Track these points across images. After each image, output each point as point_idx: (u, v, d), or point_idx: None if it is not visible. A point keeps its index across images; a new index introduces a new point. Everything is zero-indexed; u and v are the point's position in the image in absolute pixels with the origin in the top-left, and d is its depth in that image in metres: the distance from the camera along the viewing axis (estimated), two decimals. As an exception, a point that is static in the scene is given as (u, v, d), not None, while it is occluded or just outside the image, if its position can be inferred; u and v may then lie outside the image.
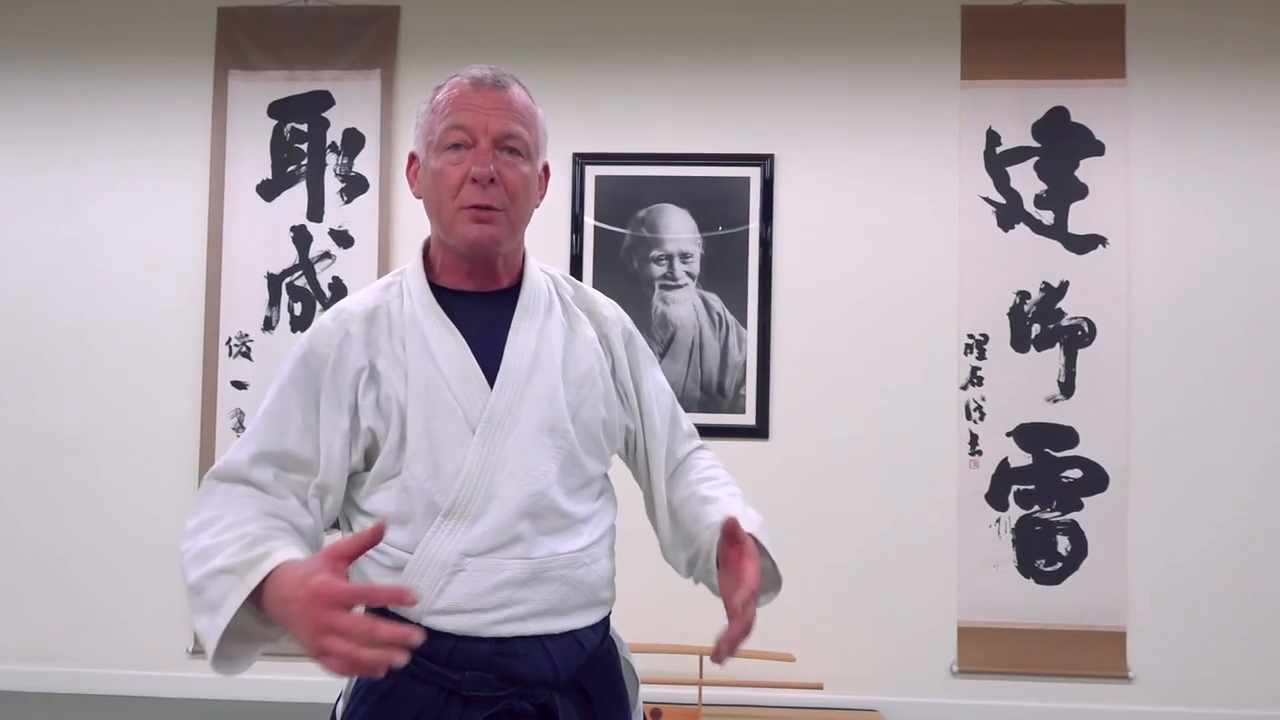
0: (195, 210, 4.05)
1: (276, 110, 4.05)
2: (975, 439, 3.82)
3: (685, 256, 3.95)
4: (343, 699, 1.46)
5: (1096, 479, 3.78)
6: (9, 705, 3.84)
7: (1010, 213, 3.85)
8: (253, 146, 4.04)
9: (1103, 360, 3.80)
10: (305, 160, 4.03)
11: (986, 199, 3.86)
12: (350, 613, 1.13)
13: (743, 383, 3.91)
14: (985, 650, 3.79)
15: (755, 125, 3.96)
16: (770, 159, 3.94)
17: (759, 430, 3.89)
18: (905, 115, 3.93)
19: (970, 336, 3.85)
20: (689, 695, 3.59)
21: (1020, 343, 3.83)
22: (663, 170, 3.96)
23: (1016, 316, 3.83)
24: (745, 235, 3.94)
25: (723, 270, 3.94)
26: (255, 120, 4.04)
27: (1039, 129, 3.85)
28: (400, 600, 1.17)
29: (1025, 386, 3.81)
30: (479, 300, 1.50)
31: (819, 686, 3.66)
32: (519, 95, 1.48)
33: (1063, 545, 3.78)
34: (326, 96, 4.04)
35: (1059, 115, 3.85)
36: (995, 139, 3.87)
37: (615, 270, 3.94)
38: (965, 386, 3.84)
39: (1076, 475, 3.79)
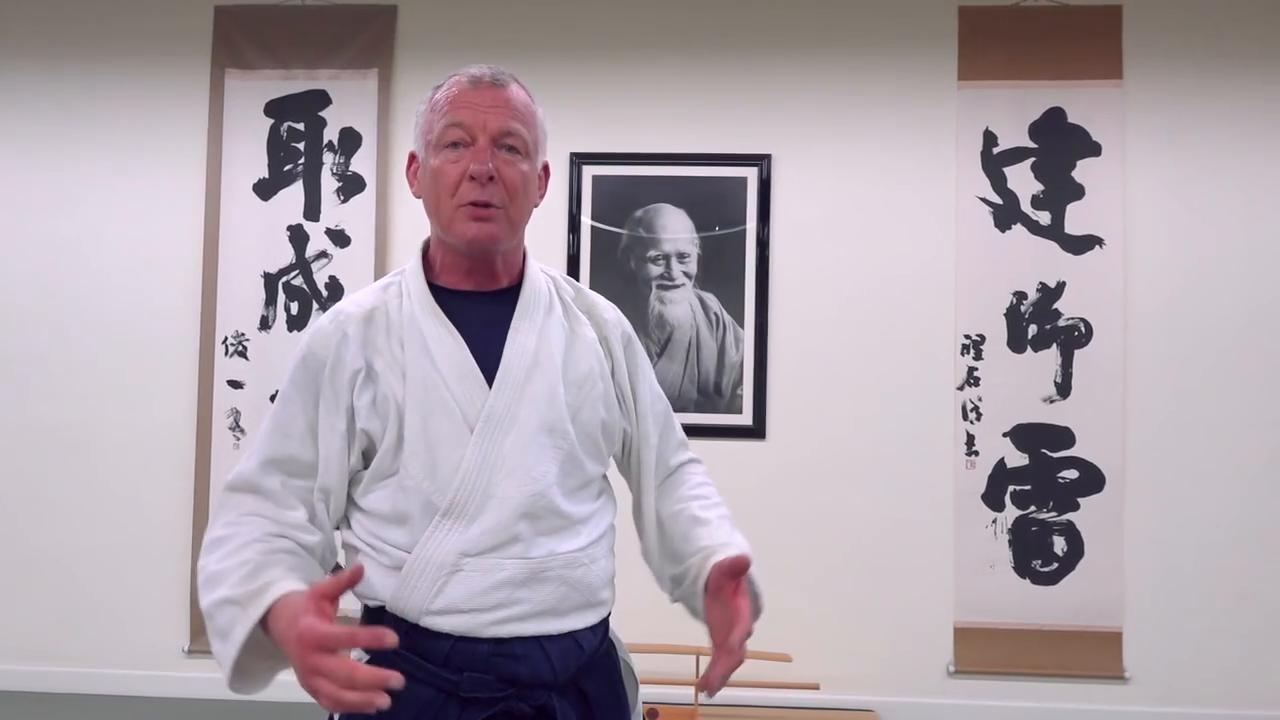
0: (191, 209, 4.04)
1: (273, 109, 4.04)
2: (972, 439, 3.83)
3: (682, 256, 3.94)
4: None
5: (1093, 479, 3.78)
6: (6, 705, 3.83)
7: (1007, 213, 3.85)
8: (249, 145, 4.03)
9: (1099, 361, 3.80)
10: (302, 159, 4.02)
11: (983, 199, 3.86)
12: (335, 655, 1.17)
13: (739, 383, 3.91)
14: (981, 650, 3.79)
15: (752, 125, 3.96)
16: (767, 159, 3.94)
17: (756, 430, 3.89)
18: (902, 116, 3.93)
19: (967, 337, 3.85)
20: (685, 695, 3.59)
21: (1017, 343, 3.83)
22: (660, 170, 3.96)
23: (1013, 317, 3.84)
24: (742, 235, 3.94)
25: (720, 270, 3.94)
26: (252, 119, 4.04)
27: (1036, 129, 3.86)
28: (379, 644, 1.17)
29: (1022, 387, 3.81)
30: (478, 300, 1.50)
31: (815, 687, 3.67)
32: (518, 94, 1.48)
33: (1059, 546, 3.78)
34: (323, 95, 4.03)
35: (1056, 116, 3.85)
36: (992, 139, 3.87)
37: (612, 270, 3.93)
38: (962, 387, 3.84)
39: (1073, 476, 3.79)
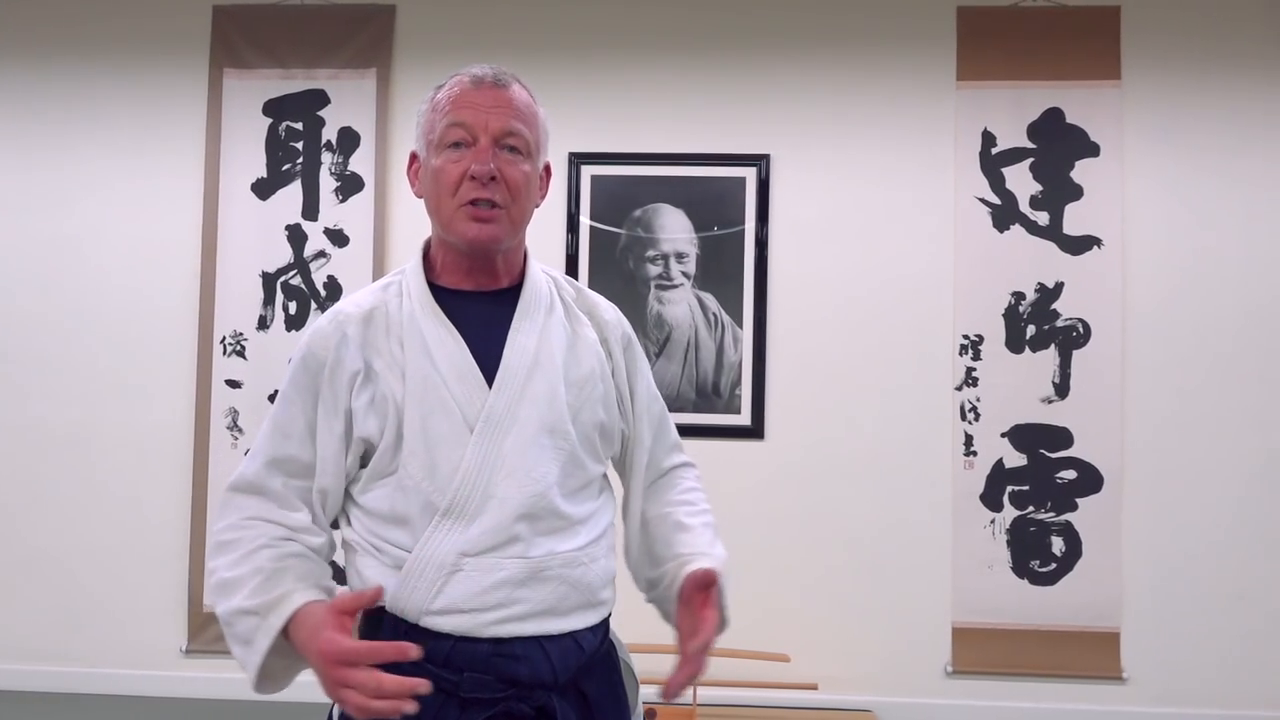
0: (190, 208, 4.04)
1: (272, 109, 4.04)
2: (970, 440, 3.83)
3: (681, 256, 3.94)
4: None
5: (1091, 480, 3.78)
6: (5, 705, 3.83)
7: (1005, 213, 3.86)
8: (248, 145, 4.03)
9: (1097, 361, 3.80)
10: (300, 159, 4.02)
11: (982, 200, 3.87)
12: (358, 667, 1.24)
13: (738, 383, 3.91)
14: (980, 651, 3.79)
15: (751, 125, 3.96)
16: (766, 159, 3.94)
17: (754, 430, 3.89)
18: (901, 116, 3.93)
19: (965, 337, 3.85)
20: (684, 696, 3.58)
21: (1015, 344, 3.83)
22: (658, 170, 3.96)
23: (1011, 317, 3.84)
24: (741, 235, 3.94)
25: (718, 270, 3.94)
26: (250, 119, 4.03)
27: (1034, 130, 3.86)
28: (402, 657, 1.23)
29: (1020, 387, 3.81)
30: (479, 300, 1.49)
31: (814, 687, 3.67)
32: (519, 94, 1.48)
33: (1057, 546, 3.78)
34: (322, 95, 4.03)
35: (1054, 116, 3.86)
36: (990, 140, 3.87)
37: (611, 270, 3.93)
38: (960, 387, 3.84)
39: (1071, 476, 3.79)
